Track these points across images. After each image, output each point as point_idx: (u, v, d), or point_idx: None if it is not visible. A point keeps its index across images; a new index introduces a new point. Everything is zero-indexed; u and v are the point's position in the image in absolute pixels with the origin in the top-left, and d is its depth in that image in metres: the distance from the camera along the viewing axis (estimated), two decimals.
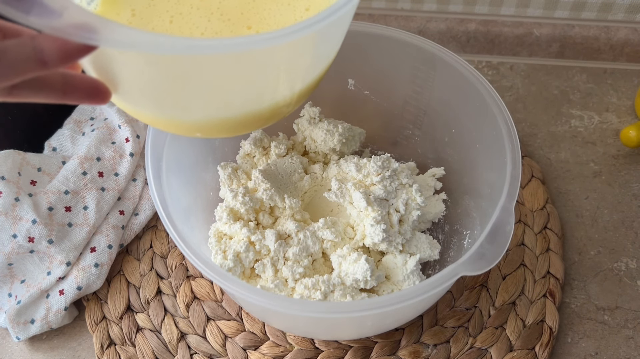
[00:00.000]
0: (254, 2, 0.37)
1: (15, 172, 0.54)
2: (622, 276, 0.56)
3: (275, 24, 0.36)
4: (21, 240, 0.52)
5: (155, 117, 0.36)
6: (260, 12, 0.36)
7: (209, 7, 0.36)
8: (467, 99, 0.50)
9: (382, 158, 0.52)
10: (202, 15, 0.36)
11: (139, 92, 0.34)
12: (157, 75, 0.32)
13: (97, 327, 0.54)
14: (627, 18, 0.69)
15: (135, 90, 0.34)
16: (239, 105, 0.35)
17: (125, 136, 0.59)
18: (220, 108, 0.35)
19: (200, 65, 0.31)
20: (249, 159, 0.57)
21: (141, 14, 0.36)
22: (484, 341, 0.52)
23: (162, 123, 0.37)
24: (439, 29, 0.72)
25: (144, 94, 0.34)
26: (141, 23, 0.35)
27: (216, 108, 0.35)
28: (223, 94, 0.34)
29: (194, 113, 0.35)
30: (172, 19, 0.36)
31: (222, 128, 0.37)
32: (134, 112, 0.36)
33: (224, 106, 0.35)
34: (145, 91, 0.34)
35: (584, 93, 0.69)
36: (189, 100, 0.34)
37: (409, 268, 0.49)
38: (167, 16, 0.36)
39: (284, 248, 0.49)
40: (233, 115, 0.35)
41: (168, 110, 0.35)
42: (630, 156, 0.64)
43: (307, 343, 0.52)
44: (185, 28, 0.35)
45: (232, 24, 0.36)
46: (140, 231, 0.59)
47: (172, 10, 0.36)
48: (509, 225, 0.41)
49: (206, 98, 0.34)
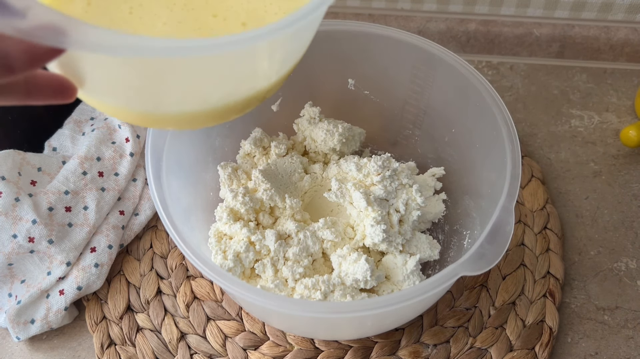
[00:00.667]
0: None
1: (15, 172, 0.54)
2: (622, 276, 0.56)
3: (243, 11, 0.35)
4: (21, 240, 0.52)
5: (125, 112, 0.35)
6: (227, 0, 0.35)
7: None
8: (467, 99, 0.50)
9: (383, 158, 0.52)
10: (163, 6, 0.34)
11: (107, 89, 0.33)
12: (128, 73, 0.31)
13: (97, 327, 0.54)
14: (627, 18, 0.69)
15: (103, 87, 0.33)
16: (215, 99, 0.34)
17: (125, 136, 0.59)
18: (195, 102, 0.34)
19: (175, 64, 0.30)
20: (249, 159, 0.57)
21: (97, 4, 0.34)
22: (484, 341, 0.52)
23: (132, 118, 0.36)
24: (439, 29, 0.72)
25: (112, 91, 0.33)
26: (98, 13, 0.34)
27: (191, 102, 0.34)
28: (198, 89, 0.33)
29: (166, 107, 0.34)
30: (131, 9, 0.34)
31: (197, 120, 0.36)
32: (101, 106, 0.35)
33: (199, 100, 0.34)
34: (114, 88, 0.33)
35: (584, 93, 0.69)
36: (161, 96, 0.33)
37: (409, 268, 0.49)
38: (126, 7, 0.34)
39: (284, 248, 0.49)
40: (208, 108, 0.34)
41: (138, 106, 0.34)
42: (630, 156, 0.64)
43: (307, 343, 0.52)
44: (147, 18, 0.34)
45: (197, 12, 0.35)
46: (140, 231, 0.59)
47: (130, 1, 0.34)
48: (509, 225, 0.41)
49: (180, 94, 0.34)
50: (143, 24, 0.34)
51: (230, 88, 0.34)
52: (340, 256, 0.49)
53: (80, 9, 0.34)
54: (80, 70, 0.31)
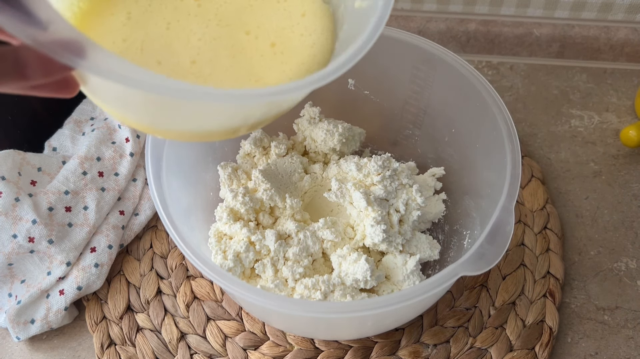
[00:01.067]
0: (251, 7, 0.37)
1: (15, 172, 0.54)
2: (622, 276, 0.56)
3: (272, 30, 0.36)
4: (21, 240, 0.52)
5: (124, 118, 0.35)
6: (258, 17, 0.36)
7: (206, 13, 0.36)
8: (467, 99, 0.50)
9: (383, 158, 0.52)
10: (199, 22, 0.35)
11: (115, 102, 0.33)
12: (135, 96, 0.31)
13: (97, 327, 0.54)
14: (627, 18, 0.69)
15: (107, 96, 0.33)
16: (217, 125, 0.34)
17: (125, 136, 0.59)
18: (197, 127, 0.34)
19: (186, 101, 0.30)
20: (249, 159, 0.57)
21: (137, 18, 0.35)
22: (484, 341, 0.52)
23: (130, 123, 0.36)
24: (439, 29, 0.72)
25: (121, 104, 0.33)
26: (136, 27, 0.35)
27: (194, 126, 0.34)
28: (203, 118, 0.34)
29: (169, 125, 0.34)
30: (169, 25, 0.35)
31: (196, 137, 0.37)
32: (102, 106, 0.35)
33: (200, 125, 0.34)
34: (123, 103, 0.33)
35: (584, 93, 0.69)
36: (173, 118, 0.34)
37: (409, 268, 0.49)
38: (164, 22, 0.35)
39: (284, 248, 0.49)
40: (222, 130, 0.35)
41: (139, 119, 0.34)
42: (630, 156, 0.64)
43: (307, 343, 0.52)
44: (182, 35, 0.35)
45: (231, 29, 0.35)
46: (140, 231, 0.59)
47: (169, 17, 0.35)
48: (509, 225, 0.41)
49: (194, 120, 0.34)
50: (178, 39, 0.34)
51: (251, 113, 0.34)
52: (340, 256, 0.49)
53: (119, 23, 0.34)
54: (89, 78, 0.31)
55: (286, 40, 0.36)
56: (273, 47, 0.35)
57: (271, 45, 0.35)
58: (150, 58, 0.34)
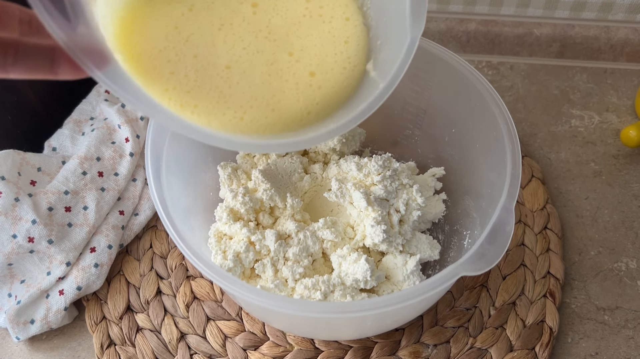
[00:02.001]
0: (299, 24, 0.37)
1: (15, 172, 0.54)
2: (622, 276, 0.56)
3: (315, 54, 0.36)
4: (21, 240, 0.52)
5: None
6: (303, 37, 0.36)
7: (259, 22, 0.36)
8: (467, 99, 0.50)
9: (383, 157, 0.52)
10: (250, 31, 0.36)
11: None
12: None
13: (97, 327, 0.54)
14: (627, 18, 0.69)
15: None
16: None
17: (125, 136, 0.59)
18: None
19: None
20: (249, 159, 0.57)
21: (197, 12, 0.35)
22: (484, 341, 0.52)
23: None
24: (439, 29, 0.72)
25: None
26: (192, 20, 0.35)
27: None
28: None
29: None
30: (222, 26, 0.35)
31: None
32: None
33: None
34: None
35: (584, 93, 0.69)
36: None
37: (409, 268, 0.49)
38: (218, 23, 0.35)
39: (284, 248, 0.49)
40: None
41: None
42: (630, 156, 0.64)
43: (307, 343, 0.52)
44: (230, 39, 0.35)
45: (277, 45, 0.36)
46: (140, 231, 0.59)
47: (224, 19, 0.36)
48: (509, 225, 0.41)
49: None
50: (224, 43, 0.35)
51: None
52: (340, 256, 0.49)
53: (179, 12, 0.35)
54: None
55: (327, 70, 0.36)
56: (312, 76, 0.35)
57: (310, 75, 0.36)
58: (190, 50, 0.34)
